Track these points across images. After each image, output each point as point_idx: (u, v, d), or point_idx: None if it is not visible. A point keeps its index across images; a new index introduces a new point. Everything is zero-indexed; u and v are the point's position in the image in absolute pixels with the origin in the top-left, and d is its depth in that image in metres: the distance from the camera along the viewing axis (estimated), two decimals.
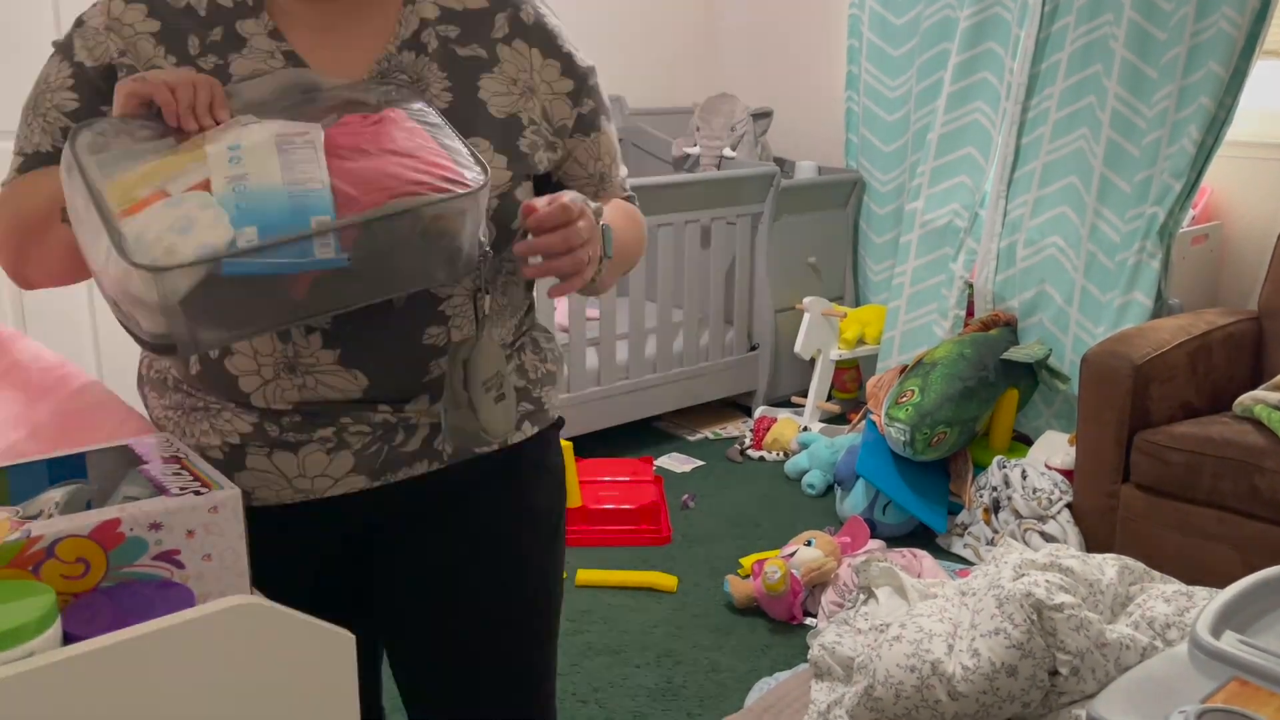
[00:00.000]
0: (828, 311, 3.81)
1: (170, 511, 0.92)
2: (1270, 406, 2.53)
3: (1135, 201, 3.19)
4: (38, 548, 0.87)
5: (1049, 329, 3.43)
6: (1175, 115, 3.07)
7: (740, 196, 3.81)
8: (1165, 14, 3.07)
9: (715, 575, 2.84)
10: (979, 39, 3.55)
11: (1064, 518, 2.78)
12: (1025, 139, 3.46)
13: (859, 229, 4.14)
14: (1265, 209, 3.30)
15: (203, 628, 0.80)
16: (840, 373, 4.00)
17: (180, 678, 0.80)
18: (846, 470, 3.15)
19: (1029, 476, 2.90)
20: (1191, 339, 2.75)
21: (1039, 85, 3.41)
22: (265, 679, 0.84)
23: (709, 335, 3.87)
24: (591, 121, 1.30)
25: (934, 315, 3.71)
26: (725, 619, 2.64)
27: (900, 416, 3.01)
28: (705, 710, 2.27)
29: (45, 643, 0.81)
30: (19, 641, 0.79)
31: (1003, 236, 3.53)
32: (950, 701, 1.83)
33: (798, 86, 4.40)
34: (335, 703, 0.88)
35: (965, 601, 1.98)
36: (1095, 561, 2.06)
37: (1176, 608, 1.94)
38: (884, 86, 3.92)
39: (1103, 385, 2.64)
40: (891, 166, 3.97)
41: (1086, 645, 1.81)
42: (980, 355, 3.17)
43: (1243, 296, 3.35)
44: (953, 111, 3.63)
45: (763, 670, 2.42)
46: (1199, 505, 2.52)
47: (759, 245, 3.91)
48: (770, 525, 3.16)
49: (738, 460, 3.65)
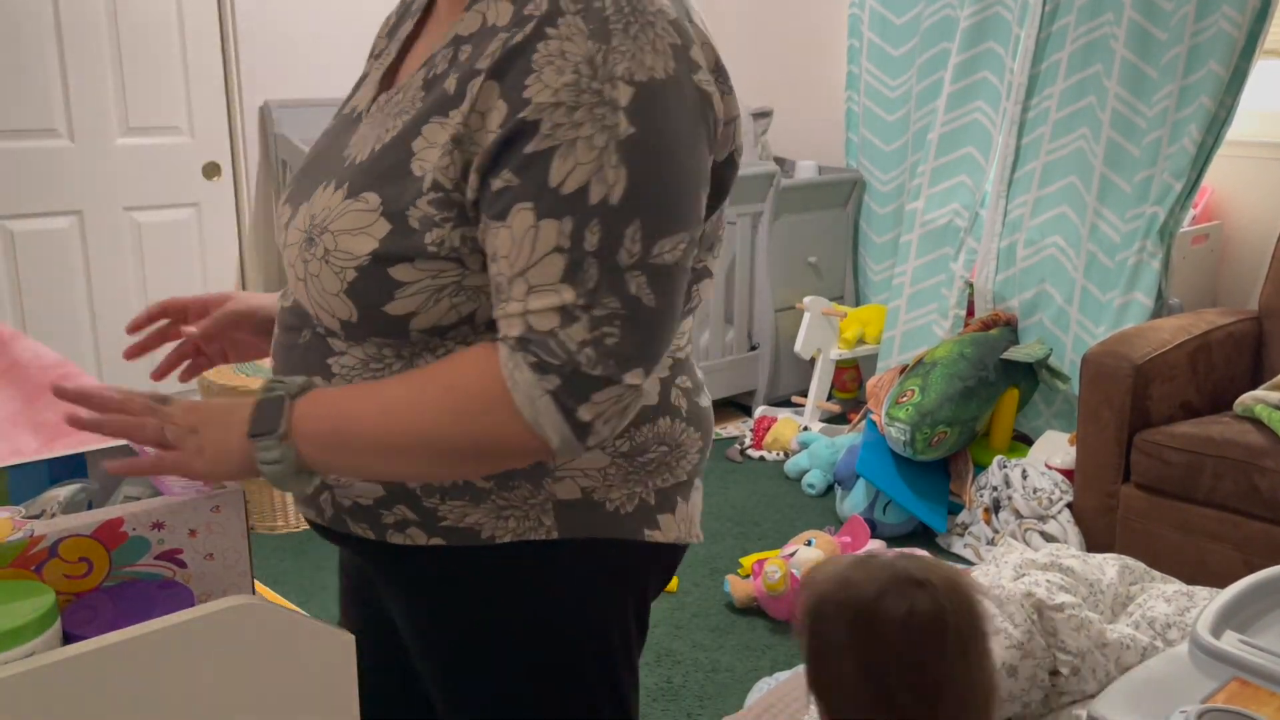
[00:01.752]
0: (828, 311, 3.81)
1: (173, 510, 0.93)
2: (1270, 406, 2.53)
3: (1135, 201, 3.19)
4: (40, 547, 0.87)
5: (1049, 329, 3.43)
6: (1175, 115, 3.07)
7: (740, 196, 3.81)
8: (1165, 14, 3.07)
9: (715, 575, 2.84)
10: (979, 39, 3.55)
11: (1064, 517, 2.78)
12: (1025, 139, 3.46)
13: (859, 229, 4.14)
14: (1265, 209, 3.30)
15: (203, 628, 0.80)
16: (840, 372, 4.00)
17: (180, 678, 0.80)
18: (846, 470, 3.15)
19: (1029, 476, 2.90)
20: (1192, 339, 2.75)
21: (1039, 85, 3.41)
22: (265, 679, 0.84)
23: (709, 335, 3.86)
24: (502, 201, 0.87)
25: (934, 315, 3.71)
26: (725, 619, 2.64)
27: (900, 416, 3.01)
28: (705, 710, 2.27)
29: (46, 643, 0.81)
30: (20, 641, 0.79)
31: (1003, 236, 3.53)
32: None
33: (798, 86, 4.40)
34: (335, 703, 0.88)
35: None
36: (1095, 561, 2.06)
37: (1177, 607, 1.94)
38: (884, 86, 3.92)
39: (1103, 385, 2.64)
40: (891, 166, 3.97)
41: (1087, 645, 1.81)
42: (980, 355, 3.17)
43: (1243, 296, 3.35)
44: (953, 111, 3.63)
45: (763, 670, 2.41)
46: (1199, 505, 2.52)
47: (759, 245, 3.91)
48: (770, 525, 3.16)
49: (738, 460, 3.65)
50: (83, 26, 3.13)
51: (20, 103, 3.07)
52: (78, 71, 3.14)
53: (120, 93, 3.23)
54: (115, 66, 3.21)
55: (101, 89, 3.19)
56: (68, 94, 3.14)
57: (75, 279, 3.22)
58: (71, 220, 3.21)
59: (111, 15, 3.17)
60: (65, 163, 3.17)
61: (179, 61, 3.32)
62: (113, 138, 3.24)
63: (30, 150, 3.11)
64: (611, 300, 0.86)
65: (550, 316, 0.86)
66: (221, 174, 3.46)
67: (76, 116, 3.17)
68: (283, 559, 2.90)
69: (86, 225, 3.24)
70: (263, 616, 0.82)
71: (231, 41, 3.40)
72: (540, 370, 0.86)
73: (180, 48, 3.31)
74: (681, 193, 0.89)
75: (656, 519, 1.04)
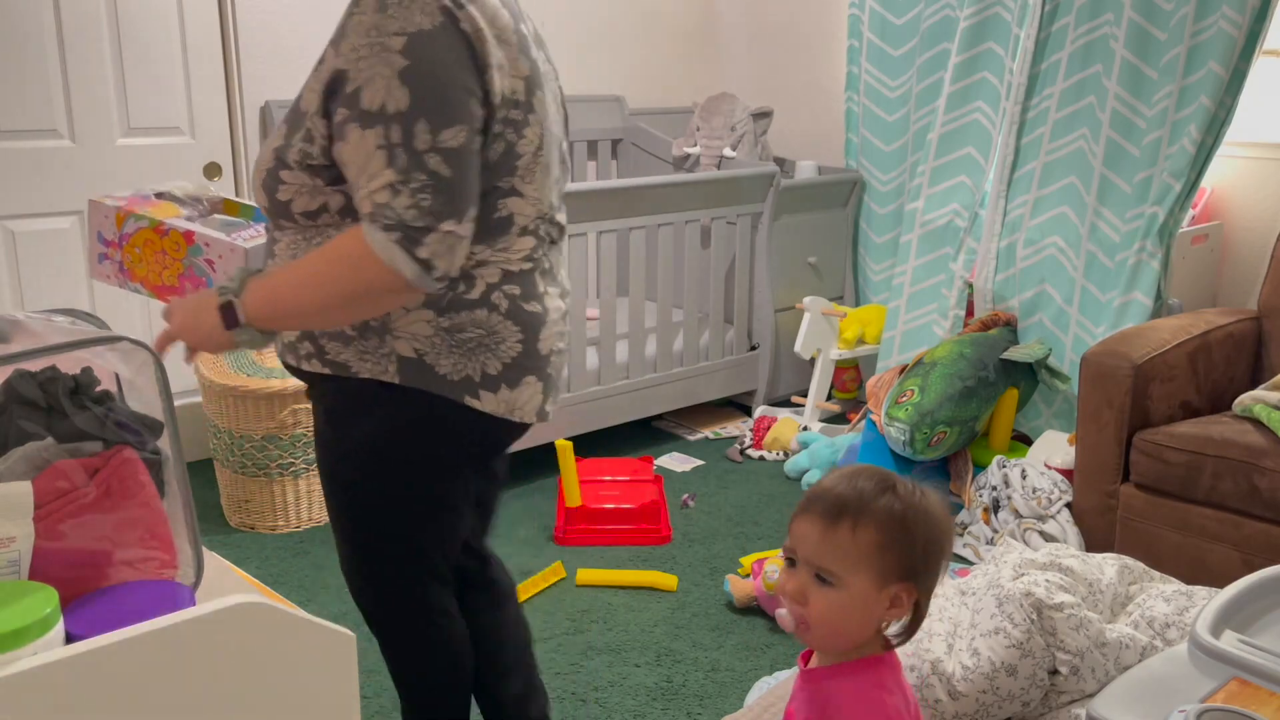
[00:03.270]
0: (828, 311, 3.81)
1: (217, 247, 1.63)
2: (1270, 406, 2.53)
3: (1135, 201, 3.19)
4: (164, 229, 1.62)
5: (1049, 329, 3.43)
6: (1175, 115, 3.07)
7: (740, 196, 3.81)
8: (1165, 14, 3.07)
9: (715, 575, 2.84)
10: (979, 39, 3.55)
11: (1064, 517, 2.78)
12: (1025, 139, 3.46)
13: (859, 229, 4.14)
14: (1265, 209, 3.30)
15: (203, 628, 0.80)
16: (840, 372, 4.00)
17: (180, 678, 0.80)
18: None
19: (1029, 476, 2.90)
20: (1191, 339, 2.75)
21: (1039, 85, 3.41)
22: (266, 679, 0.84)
23: (709, 335, 3.87)
24: (339, 126, 1.37)
25: (934, 315, 3.71)
26: (725, 618, 2.64)
27: (900, 416, 3.02)
28: (705, 710, 2.27)
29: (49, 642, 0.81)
30: (24, 642, 0.79)
31: (1002, 236, 3.53)
32: (950, 700, 1.83)
33: (798, 86, 4.40)
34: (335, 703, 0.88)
35: (965, 601, 1.99)
36: (1095, 561, 2.06)
37: (1176, 607, 1.94)
38: (884, 86, 3.92)
39: (1102, 385, 2.65)
40: (891, 166, 3.97)
41: (1086, 644, 1.81)
42: (980, 355, 3.17)
43: (1243, 296, 3.35)
44: (953, 111, 3.64)
45: (763, 669, 2.42)
46: (1199, 505, 2.52)
47: (759, 245, 3.92)
48: (770, 525, 3.16)
49: (738, 460, 3.66)
50: (83, 27, 3.13)
51: (21, 103, 3.07)
52: (78, 72, 3.14)
53: (121, 93, 3.23)
54: (116, 67, 3.21)
55: (102, 89, 3.19)
56: (69, 94, 3.14)
57: (76, 279, 3.23)
58: (73, 221, 3.21)
59: (112, 15, 3.17)
60: (66, 163, 3.18)
61: (180, 62, 3.32)
62: (114, 138, 3.25)
63: (31, 150, 3.11)
64: (419, 175, 1.31)
65: (384, 193, 1.31)
66: (222, 174, 3.46)
67: (77, 117, 3.17)
68: (283, 559, 2.91)
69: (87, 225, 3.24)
70: (263, 616, 0.83)
71: (232, 42, 3.40)
72: (386, 230, 1.31)
73: (181, 48, 3.31)
74: (450, 98, 1.32)
75: (479, 393, 1.49)
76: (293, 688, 0.85)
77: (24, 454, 0.98)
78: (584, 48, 4.22)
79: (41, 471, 0.97)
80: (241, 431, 2.98)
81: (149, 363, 1.05)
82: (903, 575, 1.19)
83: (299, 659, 0.85)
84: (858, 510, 1.19)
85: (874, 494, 1.20)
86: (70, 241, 3.22)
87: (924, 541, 1.20)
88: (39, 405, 1.01)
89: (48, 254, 3.18)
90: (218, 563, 1.15)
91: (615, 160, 4.38)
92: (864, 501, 1.19)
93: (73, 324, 1.13)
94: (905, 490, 1.21)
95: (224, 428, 3.00)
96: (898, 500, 1.19)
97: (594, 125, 4.25)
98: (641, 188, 3.51)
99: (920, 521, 1.20)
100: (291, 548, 2.97)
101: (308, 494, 3.07)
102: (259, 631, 0.83)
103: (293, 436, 2.99)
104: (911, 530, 1.19)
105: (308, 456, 3.03)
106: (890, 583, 1.19)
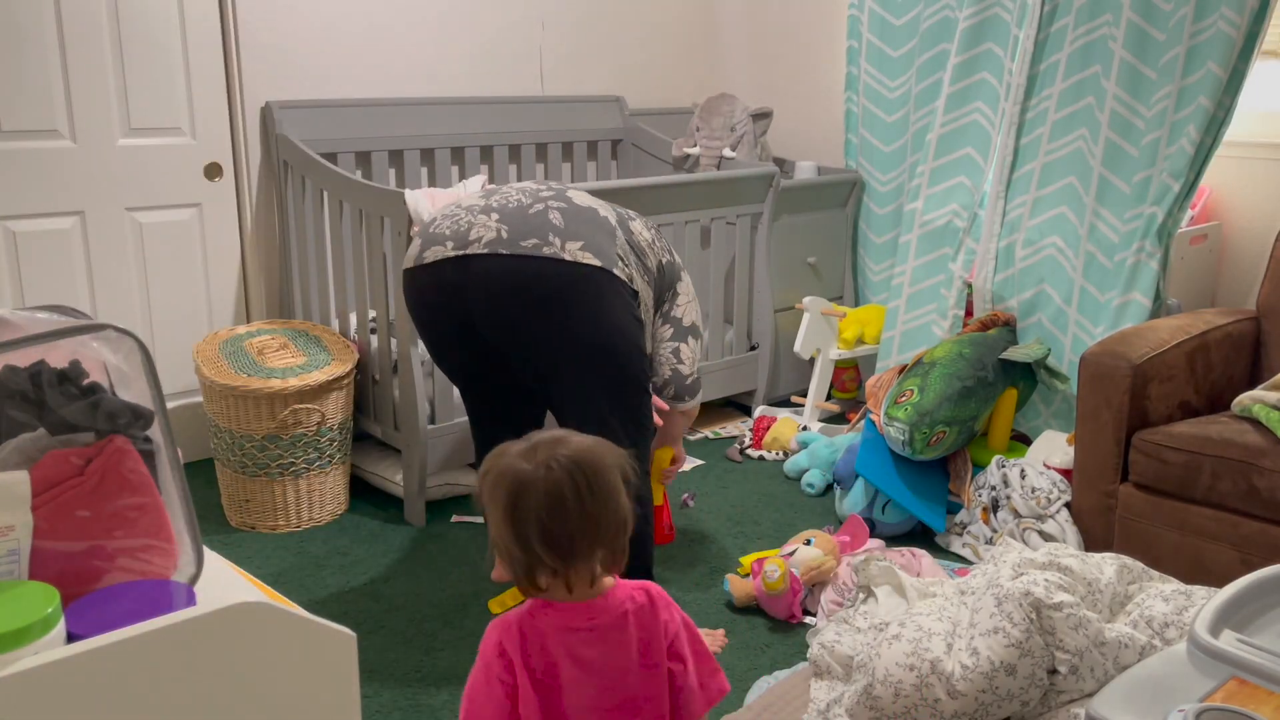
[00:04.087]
0: (827, 311, 3.82)
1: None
2: (1269, 406, 2.53)
3: (1134, 202, 3.19)
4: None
5: (1048, 329, 3.43)
6: (1174, 115, 3.07)
7: (740, 196, 3.81)
8: (1164, 14, 3.07)
9: (715, 575, 2.85)
10: (978, 40, 3.56)
11: (1063, 517, 2.79)
12: (1024, 139, 3.47)
13: (858, 229, 4.15)
14: (1264, 209, 3.30)
15: (204, 627, 0.81)
16: (840, 372, 4.01)
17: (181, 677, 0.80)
18: (846, 469, 3.16)
19: (1028, 476, 2.90)
20: (1190, 339, 2.75)
21: (1038, 86, 3.41)
22: (266, 679, 0.84)
23: (709, 335, 3.87)
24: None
25: (933, 315, 3.71)
26: (725, 618, 2.64)
27: (899, 416, 3.02)
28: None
29: (50, 642, 0.81)
30: (25, 641, 0.79)
31: (1002, 236, 3.53)
32: (949, 700, 1.83)
33: (798, 86, 4.40)
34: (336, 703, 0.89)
35: (964, 600, 1.99)
36: (1094, 561, 2.06)
37: (1175, 607, 1.94)
38: (883, 87, 3.92)
39: (1101, 385, 2.65)
40: (891, 167, 3.97)
41: (1085, 644, 1.82)
42: (979, 355, 3.18)
43: (1241, 296, 3.36)
44: (952, 112, 3.64)
45: (762, 669, 2.42)
46: (1197, 505, 2.52)
47: (759, 245, 3.92)
48: (770, 524, 3.16)
49: (737, 459, 3.66)
50: (84, 27, 3.13)
51: (22, 103, 3.07)
52: (79, 72, 3.15)
53: (122, 93, 3.24)
54: (116, 67, 3.21)
55: (103, 89, 3.20)
56: (69, 95, 3.14)
57: (77, 279, 3.23)
58: (73, 221, 3.21)
59: (113, 15, 3.18)
60: (67, 163, 3.18)
61: (180, 62, 3.32)
62: (114, 138, 3.25)
63: (32, 151, 3.12)
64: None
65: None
66: (223, 174, 3.46)
67: (78, 117, 3.17)
68: (283, 559, 2.91)
69: (88, 226, 3.24)
70: (264, 616, 0.83)
71: (233, 42, 3.40)
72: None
73: (182, 48, 3.32)
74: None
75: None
76: (293, 688, 0.86)
77: (17, 445, 0.99)
78: (584, 48, 4.22)
79: (35, 463, 0.98)
80: (242, 431, 2.98)
81: (135, 351, 1.05)
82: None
83: (299, 659, 0.85)
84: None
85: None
86: (70, 241, 3.22)
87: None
88: (29, 398, 1.01)
89: (48, 254, 3.18)
90: (218, 562, 1.15)
91: (615, 160, 4.38)
92: None
93: (59, 318, 1.14)
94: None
95: (225, 427, 3.01)
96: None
97: (594, 125, 4.26)
98: (641, 188, 3.51)
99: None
100: (292, 548, 2.98)
101: (308, 494, 3.07)
102: (260, 631, 0.83)
103: (293, 436, 2.99)
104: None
105: (308, 456, 3.04)
106: None
